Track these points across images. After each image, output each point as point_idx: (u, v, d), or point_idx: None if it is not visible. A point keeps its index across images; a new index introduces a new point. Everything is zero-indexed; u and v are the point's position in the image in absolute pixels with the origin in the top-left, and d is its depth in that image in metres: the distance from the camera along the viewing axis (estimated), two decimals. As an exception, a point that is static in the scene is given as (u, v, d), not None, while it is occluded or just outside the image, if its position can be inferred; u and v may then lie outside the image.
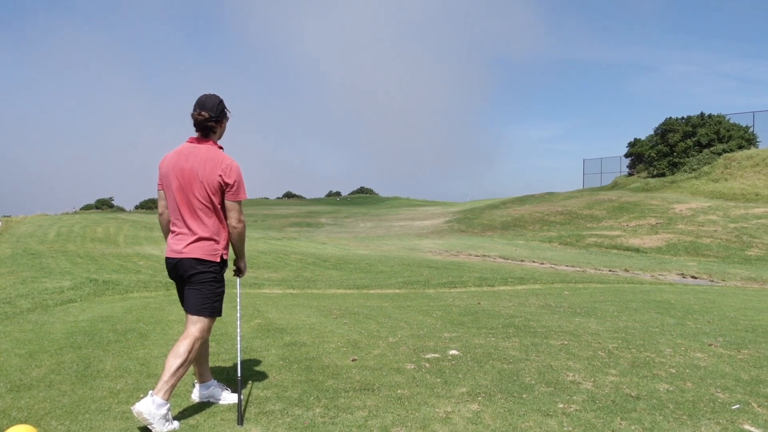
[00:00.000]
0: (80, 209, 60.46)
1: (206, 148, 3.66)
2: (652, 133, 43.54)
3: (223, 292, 3.74)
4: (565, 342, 5.88)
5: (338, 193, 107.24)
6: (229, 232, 3.72)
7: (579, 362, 5.07)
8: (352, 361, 5.02)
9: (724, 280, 16.58)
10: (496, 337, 6.09)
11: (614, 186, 43.55)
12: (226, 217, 3.69)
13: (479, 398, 4.00)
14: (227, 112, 3.80)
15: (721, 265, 18.83)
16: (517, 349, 5.51)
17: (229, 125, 3.88)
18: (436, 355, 5.25)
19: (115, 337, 5.82)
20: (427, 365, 4.88)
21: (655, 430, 3.46)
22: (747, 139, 37.93)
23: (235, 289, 8.55)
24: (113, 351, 5.26)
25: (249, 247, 25.21)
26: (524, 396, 4.07)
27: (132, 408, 3.35)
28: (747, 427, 3.56)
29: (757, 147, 37.56)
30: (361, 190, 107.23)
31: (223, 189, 3.61)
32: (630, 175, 45.77)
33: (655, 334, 6.47)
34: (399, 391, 4.13)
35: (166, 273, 3.77)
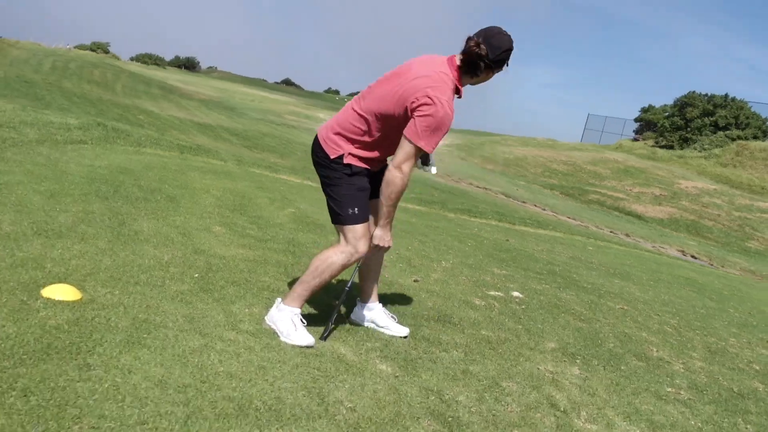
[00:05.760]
0: (74, 47, 57.71)
1: None
2: (669, 102, 42.54)
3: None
4: (625, 307, 5.40)
5: (337, 92, 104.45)
6: None
7: (652, 335, 4.59)
8: (414, 281, 4.46)
9: (723, 266, 16.35)
10: (550, 285, 5.59)
11: (618, 147, 42.83)
12: None
13: (577, 361, 3.48)
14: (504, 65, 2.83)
15: (721, 250, 18.60)
16: (580, 305, 5.02)
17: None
18: (500, 293, 4.72)
19: (142, 195, 5.15)
20: (497, 305, 4.34)
21: (791, 445, 3.00)
22: (763, 131, 37.22)
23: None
24: (146, 211, 4.60)
25: (251, 127, 24.28)
26: (622, 368, 3.57)
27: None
28: None
29: (771, 140, 36.94)
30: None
31: None
32: (635, 140, 45.02)
33: (707, 317, 6.04)
34: (483, 332, 3.60)
35: (175, 134, 3.09)
